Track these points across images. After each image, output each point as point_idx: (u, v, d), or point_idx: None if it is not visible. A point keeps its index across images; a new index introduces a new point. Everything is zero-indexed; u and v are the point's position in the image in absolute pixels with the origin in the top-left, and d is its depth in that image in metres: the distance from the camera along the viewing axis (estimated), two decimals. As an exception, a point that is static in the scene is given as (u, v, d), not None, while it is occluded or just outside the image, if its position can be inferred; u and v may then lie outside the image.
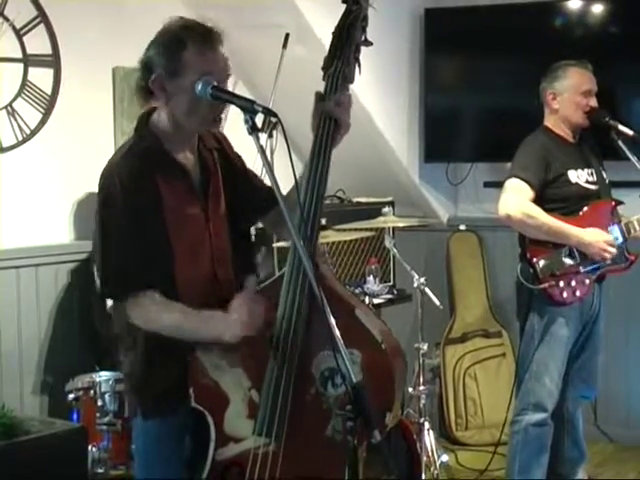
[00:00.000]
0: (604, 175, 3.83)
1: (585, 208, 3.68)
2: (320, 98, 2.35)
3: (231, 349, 2.28)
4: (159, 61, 2.26)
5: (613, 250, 3.62)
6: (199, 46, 2.24)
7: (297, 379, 2.24)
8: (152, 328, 2.29)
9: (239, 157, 2.55)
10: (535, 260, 3.61)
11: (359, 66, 2.40)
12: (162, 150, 2.33)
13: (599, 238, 3.61)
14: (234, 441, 2.30)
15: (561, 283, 3.60)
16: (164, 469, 2.38)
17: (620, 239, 3.68)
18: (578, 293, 3.63)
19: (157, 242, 2.28)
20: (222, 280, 2.38)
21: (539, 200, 3.63)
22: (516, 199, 3.61)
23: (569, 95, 3.72)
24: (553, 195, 3.66)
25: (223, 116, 2.34)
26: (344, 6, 2.39)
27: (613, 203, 3.76)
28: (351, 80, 2.38)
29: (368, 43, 2.40)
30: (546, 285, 3.59)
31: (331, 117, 2.31)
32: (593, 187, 3.73)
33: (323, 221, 3.91)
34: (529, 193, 3.61)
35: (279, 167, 3.14)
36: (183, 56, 2.24)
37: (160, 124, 2.34)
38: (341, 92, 2.34)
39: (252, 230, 4.41)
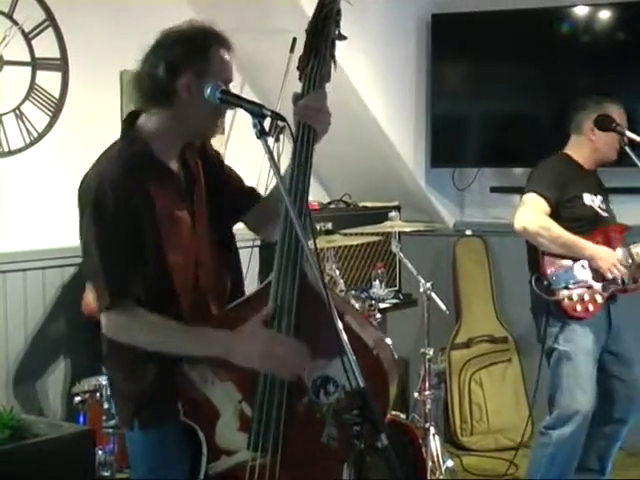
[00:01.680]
0: (610, 206, 3.90)
1: (595, 231, 3.75)
2: (296, 98, 2.30)
3: (220, 363, 2.22)
4: (188, 61, 2.21)
5: (623, 269, 3.68)
6: (222, 49, 2.24)
7: (289, 389, 2.19)
8: (138, 343, 2.24)
9: (217, 154, 2.49)
10: (549, 273, 3.67)
11: (334, 63, 2.32)
12: (151, 155, 2.27)
13: (612, 256, 3.68)
14: (226, 454, 2.26)
15: (574, 296, 3.66)
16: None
17: (629, 262, 3.73)
18: (591, 308, 3.68)
19: (152, 249, 2.23)
20: (203, 284, 2.33)
21: (554, 218, 3.69)
22: (532, 212, 3.68)
23: (611, 134, 3.76)
24: (567, 215, 3.72)
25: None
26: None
27: (623, 228, 3.83)
28: (328, 78, 2.31)
29: (342, 37, 2.32)
30: (559, 297, 3.64)
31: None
32: (605, 214, 3.82)
33: (329, 225, 3.92)
34: (545, 208, 3.68)
35: (284, 171, 3.13)
36: (210, 58, 2.22)
37: (149, 128, 2.28)
38: (311, 94, 2.27)
39: (257, 240, 4.42)
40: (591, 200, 3.78)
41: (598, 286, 3.69)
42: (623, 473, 4.55)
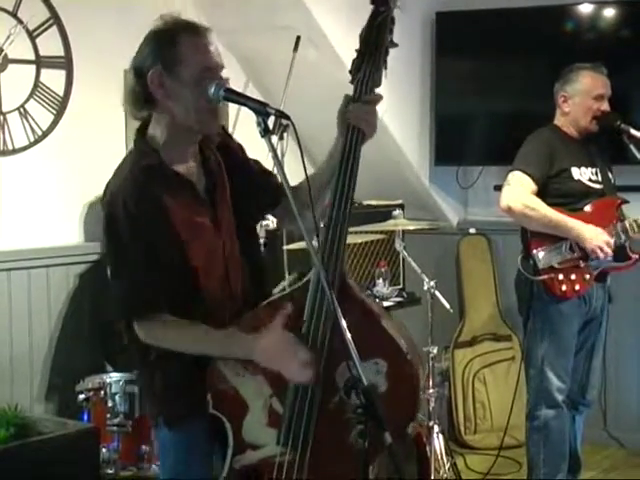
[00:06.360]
0: (610, 176, 3.85)
1: (589, 205, 3.70)
2: (347, 101, 2.33)
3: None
4: (154, 58, 2.21)
5: (609, 252, 3.62)
6: (192, 37, 2.22)
7: (321, 388, 2.20)
8: (168, 347, 2.27)
9: (241, 148, 2.48)
10: (535, 252, 3.65)
11: (385, 68, 2.37)
12: (163, 165, 2.26)
13: (599, 236, 3.62)
14: (252, 449, 2.26)
15: (560, 276, 3.64)
16: (191, 474, 2.33)
17: (622, 237, 3.68)
18: (578, 287, 3.65)
19: (172, 260, 2.23)
20: (234, 286, 2.34)
21: (541, 194, 3.67)
22: (517, 191, 3.65)
23: (580, 99, 3.75)
24: (555, 190, 3.70)
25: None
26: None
27: (618, 201, 3.79)
28: (379, 84, 2.36)
29: (394, 44, 2.37)
30: (545, 277, 3.62)
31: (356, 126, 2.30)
32: (596, 186, 3.76)
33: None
34: (531, 186, 3.65)
35: (288, 169, 3.14)
36: (178, 48, 2.20)
37: (157, 136, 2.27)
38: (366, 99, 2.33)
39: (262, 235, 4.43)
40: (580, 174, 3.72)
41: (586, 264, 3.65)
42: (627, 472, 4.55)
